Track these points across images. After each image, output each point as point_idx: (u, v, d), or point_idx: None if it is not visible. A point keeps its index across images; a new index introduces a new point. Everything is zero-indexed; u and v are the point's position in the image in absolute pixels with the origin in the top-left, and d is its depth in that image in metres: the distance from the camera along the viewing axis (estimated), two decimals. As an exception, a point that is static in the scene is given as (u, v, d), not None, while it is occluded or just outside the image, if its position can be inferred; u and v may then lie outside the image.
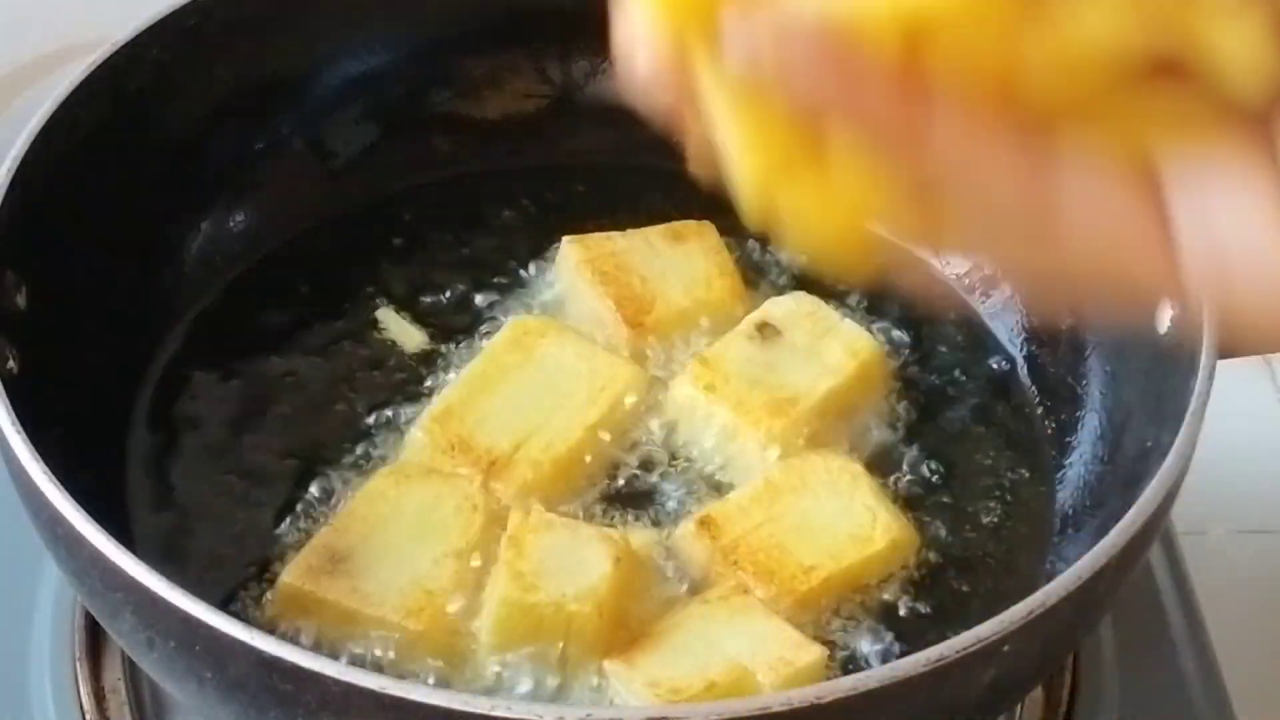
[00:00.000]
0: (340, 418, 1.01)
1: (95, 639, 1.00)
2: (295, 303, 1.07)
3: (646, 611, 0.90)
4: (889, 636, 0.91)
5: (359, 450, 0.98)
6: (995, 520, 0.98)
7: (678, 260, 1.06)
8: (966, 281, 1.09)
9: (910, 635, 0.91)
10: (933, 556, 0.96)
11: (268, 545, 0.94)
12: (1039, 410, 1.04)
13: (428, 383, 1.02)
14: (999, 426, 1.03)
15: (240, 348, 1.04)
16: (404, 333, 1.06)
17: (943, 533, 0.97)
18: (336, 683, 0.72)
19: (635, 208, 1.12)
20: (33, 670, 0.99)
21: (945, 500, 0.99)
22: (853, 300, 1.07)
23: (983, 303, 1.09)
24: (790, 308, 1.03)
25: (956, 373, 1.05)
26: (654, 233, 1.08)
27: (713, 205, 1.11)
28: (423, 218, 1.12)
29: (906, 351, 1.05)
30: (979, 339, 1.07)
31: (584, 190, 1.14)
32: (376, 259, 1.10)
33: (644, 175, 1.15)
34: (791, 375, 0.99)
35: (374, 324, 1.06)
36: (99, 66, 0.98)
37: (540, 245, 1.09)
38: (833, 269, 0.58)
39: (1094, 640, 1.03)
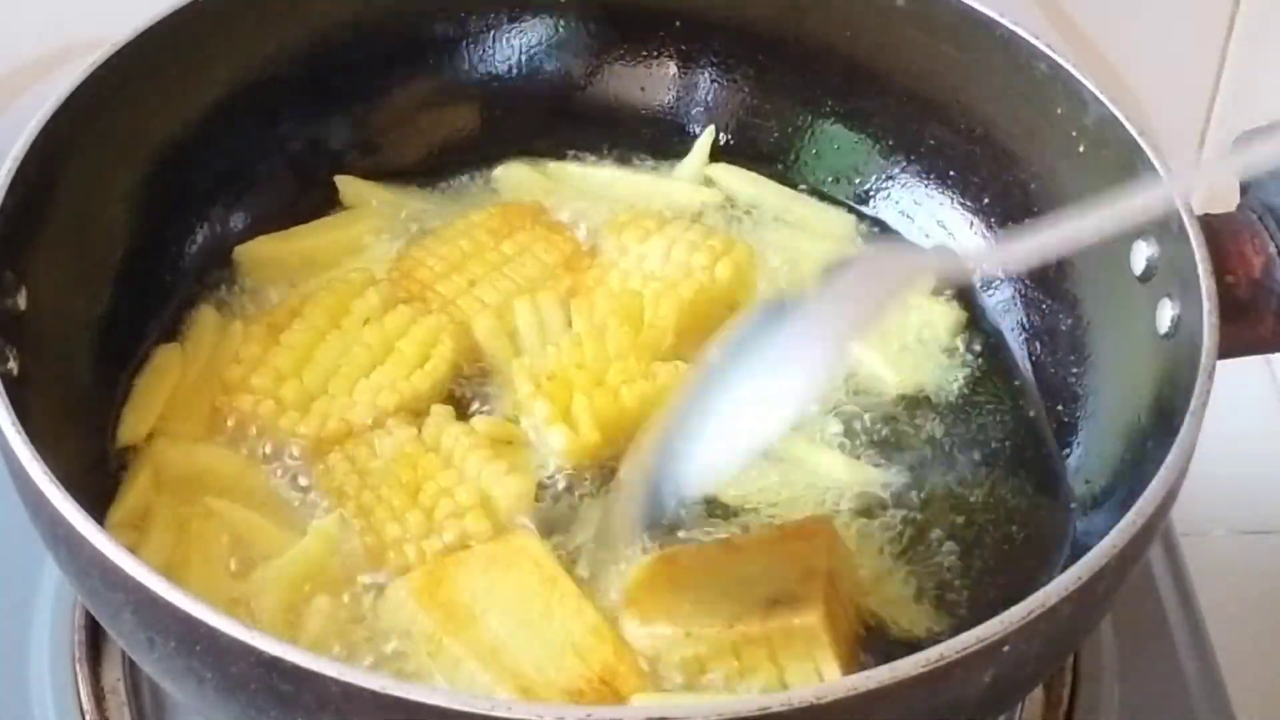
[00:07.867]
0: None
1: (95, 639, 1.00)
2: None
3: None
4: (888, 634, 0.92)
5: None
6: (996, 519, 0.98)
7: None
8: (971, 280, 1.09)
9: (910, 637, 0.92)
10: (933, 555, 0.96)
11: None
12: (1040, 411, 1.03)
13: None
14: (1000, 426, 1.03)
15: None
16: None
17: (944, 531, 0.97)
18: (336, 683, 0.72)
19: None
20: (33, 670, 0.99)
21: (947, 499, 0.99)
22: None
23: (985, 302, 1.09)
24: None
25: (958, 372, 1.06)
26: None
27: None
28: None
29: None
30: (980, 338, 1.07)
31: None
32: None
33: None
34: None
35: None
36: (99, 66, 0.98)
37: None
38: None
39: (1094, 640, 1.03)
